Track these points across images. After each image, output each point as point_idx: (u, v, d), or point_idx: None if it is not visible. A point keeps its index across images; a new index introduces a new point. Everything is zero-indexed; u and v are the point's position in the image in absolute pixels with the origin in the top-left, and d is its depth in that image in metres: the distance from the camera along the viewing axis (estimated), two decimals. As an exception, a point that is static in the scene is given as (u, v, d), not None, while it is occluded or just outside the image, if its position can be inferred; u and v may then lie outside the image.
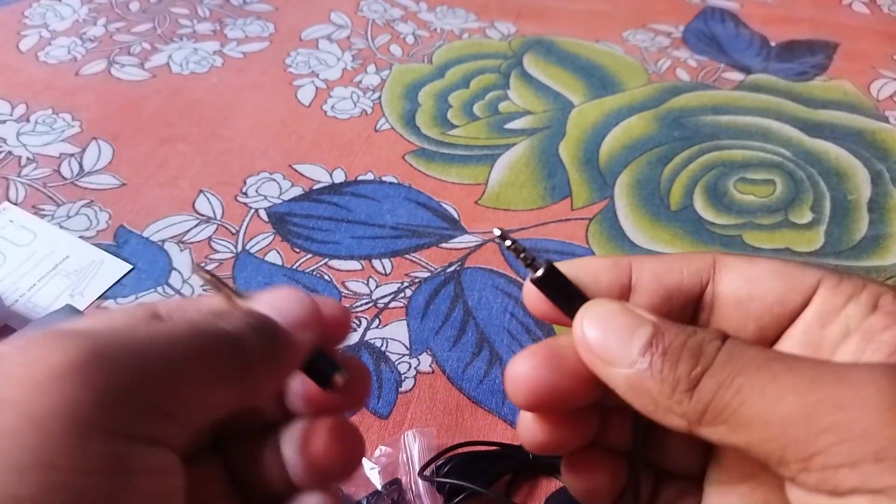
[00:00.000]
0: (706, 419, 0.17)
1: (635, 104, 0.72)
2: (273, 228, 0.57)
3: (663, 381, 0.18)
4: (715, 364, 0.18)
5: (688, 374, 0.18)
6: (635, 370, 0.18)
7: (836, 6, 0.90)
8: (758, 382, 0.17)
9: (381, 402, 0.46)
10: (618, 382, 0.19)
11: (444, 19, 0.85)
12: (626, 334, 0.19)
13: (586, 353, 0.20)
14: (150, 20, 0.82)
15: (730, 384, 0.17)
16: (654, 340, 0.18)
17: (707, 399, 0.17)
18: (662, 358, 0.18)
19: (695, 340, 0.18)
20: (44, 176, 0.62)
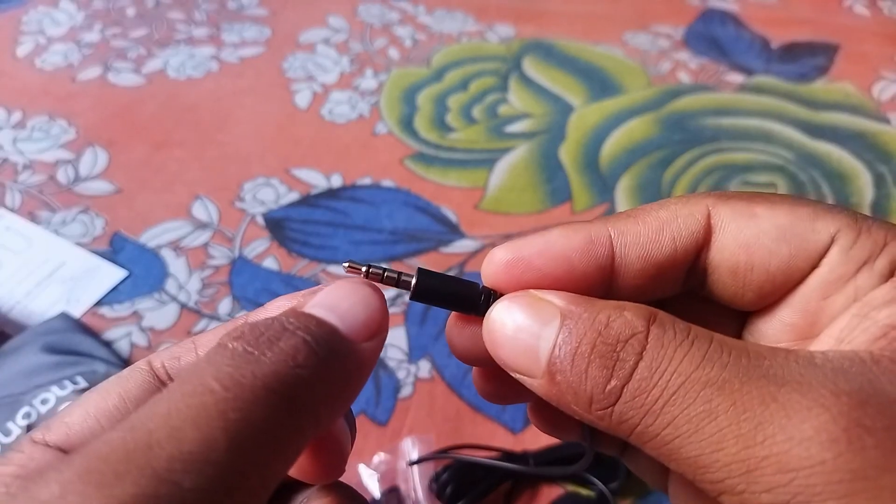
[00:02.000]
0: (633, 439, 0.16)
1: (636, 107, 0.72)
2: (270, 234, 0.57)
3: (575, 395, 0.16)
4: (634, 378, 0.15)
5: (601, 387, 0.16)
6: (545, 382, 0.16)
7: (837, 8, 0.90)
8: (692, 418, 0.15)
9: (380, 408, 0.46)
10: (538, 393, 0.17)
11: (442, 22, 0.84)
12: (531, 338, 0.17)
13: (501, 365, 0.18)
14: (146, 25, 0.82)
15: (657, 413, 0.15)
16: (560, 341, 0.16)
17: (632, 423, 0.15)
18: (571, 365, 0.16)
19: (606, 341, 0.16)
20: (40, 182, 0.61)
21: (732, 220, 0.18)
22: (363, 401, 0.46)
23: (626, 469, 0.41)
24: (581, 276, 0.18)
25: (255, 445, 0.13)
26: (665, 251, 0.18)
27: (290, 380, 0.14)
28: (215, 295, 0.52)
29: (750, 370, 0.15)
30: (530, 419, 0.22)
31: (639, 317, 0.16)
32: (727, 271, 0.18)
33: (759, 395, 0.14)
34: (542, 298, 0.17)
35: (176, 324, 0.50)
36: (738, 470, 0.14)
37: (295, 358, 0.15)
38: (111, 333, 0.49)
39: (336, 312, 0.17)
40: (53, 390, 0.42)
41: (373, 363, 0.17)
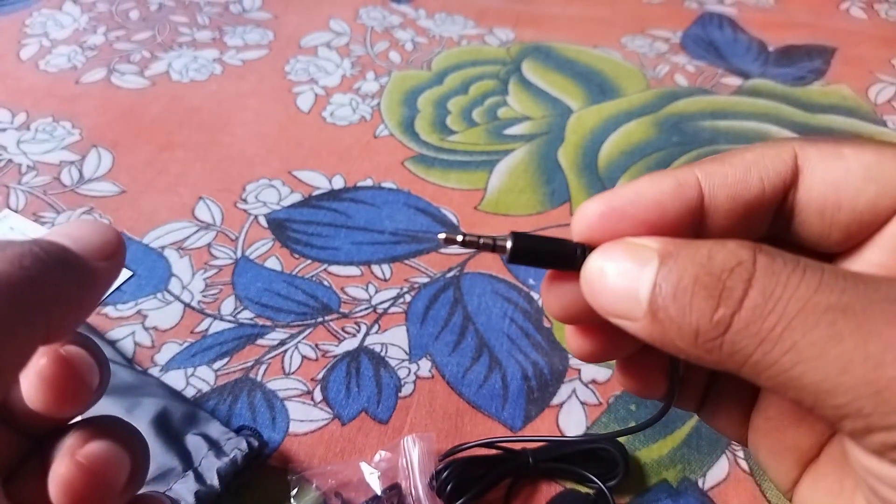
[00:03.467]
0: (746, 371, 0.15)
1: (634, 109, 0.73)
2: (272, 234, 0.57)
3: (680, 329, 0.16)
4: (746, 306, 0.15)
5: (708, 317, 0.15)
6: (648, 321, 0.16)
7: (834, 11, 0.91)
8: (816, 342, 0.14)
9: (381, 407, 0.46)
10: (640, 335, 0.17)
11: (442, 26, 0.85)
12: (630, 281, 0.16)
13: (602, 313, 0.18)
14: (149, 28, 0.82)
15: (776, 339, 0.14)
16: (659, 280, 0.16)
17: (746, 352, 0.15)
18: (673, 301, 0.16)
19: (710, 271, 0.15)
20: (44, 183, 0.62)
21: (820, 160, 0.18)
22: (364, 399, 0.46)
23: (625, 467, 0.41)
24: (673, 220, 0.18)
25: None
26: (753, 191, 0.18)
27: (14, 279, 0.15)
28: (218, 295, 0.53)
29: (870, 294, 0.14)
30: (618, 378, 0.22)
31: (743, 247, 0.16)
32: (814, 211, 0.18)
33: (885, 317, 0.14)
34: (638, 243, 0.17)
35: (179, 323, 0.51)
36: (865, 391, 0.14)
37: (21, 261, 0.16)
38: (115, 333, 0.50)
39: (69, 238, 0.18)
40: (59, 388, 0.43)
41: (107, 280, 0.18)
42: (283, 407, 0.46)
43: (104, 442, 0.19)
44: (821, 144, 0.18)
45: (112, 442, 0.19)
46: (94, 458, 0.18)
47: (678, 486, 0.43)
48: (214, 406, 0.46)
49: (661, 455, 0.44)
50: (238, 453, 0.40)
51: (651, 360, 0.21)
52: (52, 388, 0.18)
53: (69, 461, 0.18)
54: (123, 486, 0.19)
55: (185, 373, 0.48)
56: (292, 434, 0.45)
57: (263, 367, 0.48)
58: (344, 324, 0.51)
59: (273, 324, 0.51)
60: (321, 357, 0.49)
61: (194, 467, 0.39)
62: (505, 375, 0.48)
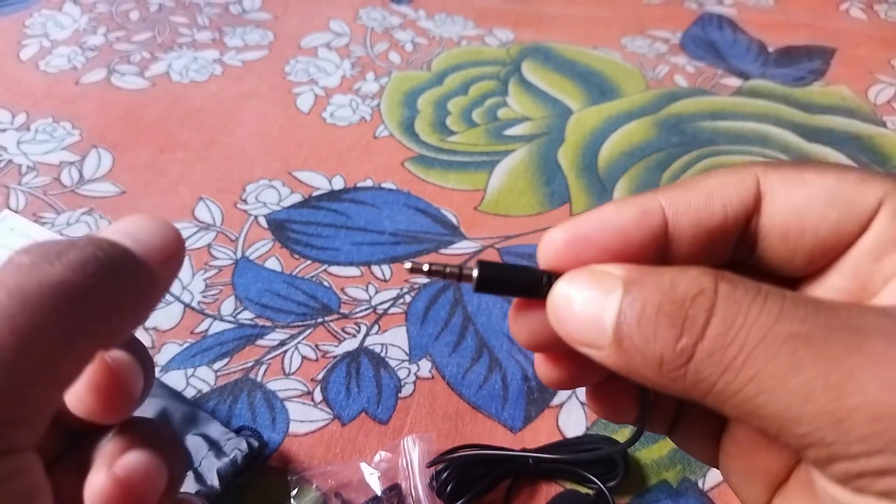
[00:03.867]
0: (711, 400, 0.15)
1: (634, 110, 0.73)
2: (272, 235, 0.57)
3: (644, 358, 0.16)
4: (708, 336, 0.15)
5: (671, 346, 0.15)
6: (613, 350, 0.16)
7: (834, 12, 0.91)
8: (777, 372, 0.14)
9: (381, 407, 0.46)
10: (606, 364, 0.17)
11: (442, 27, 0.85)
12: (596, 308, 0.16)
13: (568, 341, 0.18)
14: (149, 29, 0.83)
15: (738, 369, 0.15)
16: (624, 307, 0.16)
17: (709, 381, 0.15)
18: (637, 328, 0.16)
19: (673, 300, 0.15)
20: (44, 184, 0.62)
21: (782, 185, 0.18)
22: (365, 400, 0.46)
23: (624, 468, 0.41)
24: (638, 247, 0.18)
25: (43, 348, 0.14)
26: (716, 218, 0.18)
27: (78, 287, 0.15)
28: (218, 295, 0.53)
29: (830, 322, 0.14)
30: (588, 404, 0.22)
31: (704, 274, 0.16)
32: (778, 237, 0.18)
33: (845, 346, 0.14)
34: (602, 271, 0.17)
35: (179, 324, 0.51)
36: (827, 421, 0.14)
37: (84, 268, 0.15)
38: (115, 333, 0.50)
39: (130, 237, 0.17)
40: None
41: (166, 284, 0.18)
42: (283, 407, 0.46)
43: (143, 453, 0.18)
44: (783, 169, 0.18)
45: (151, 452, 0.19)
46: (131, 472, 0.18)
47: (678, 487, 0.43)
48: (214, 406, 0.46)
49: (660, 455, 0.44)
50: (238, 454, 0.40)
51: (620, 386, 0.21)
52: (96, 396, 0.18)
53: (106, 474, 0.18)
54: (160, 499, 0.19)
55: (185, 373, 0.48)
56: (292, 434, 0.45)
57: (263, 368, 0.48)
58: (344, 324, 0.51)
59: (273, 324, 0.51)
60: (321, 357, 0.49)
61: (194, 468, 0.39)
62: (505, 376, 0.48)
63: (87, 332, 0.15)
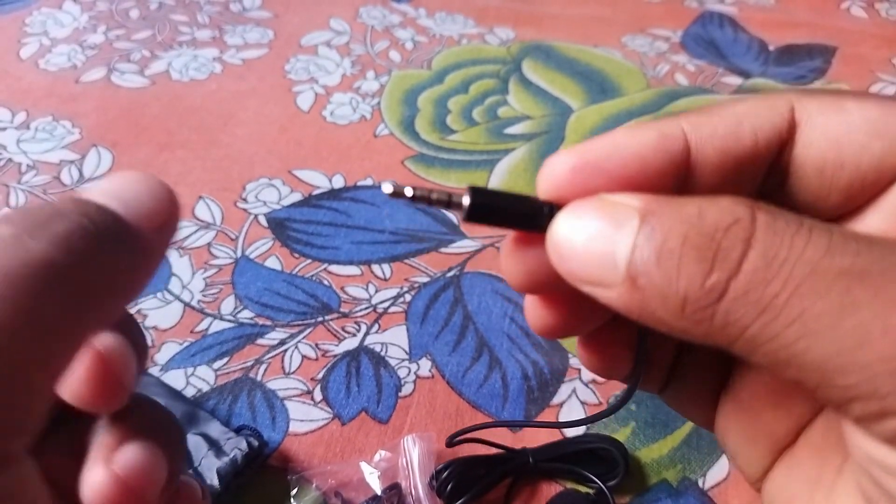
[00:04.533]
0: (740, 346, 0.13)
1: (634, 109, 0.73)
2: (272, 234, 0.57)
3: (664, 298, 0.14)
4: (744, 270, 0.13)
5: (699, 283, 0.13)
6: (626, 288, 0.14)
7: (835, 10, 0.90)
8: (827, 312, 0.12)
9: (381, 406, 0.46)
10: (613, 304, 0.15)
11: (442, 25, 0.85)
12: (606, 242, 0.14)
13: (566, 276, 0.15)
14: (149, 27, 0.82)
15: (780, 308, 0.13)
16: (641, 241, 0.14)
17: (742, 323, 0.13)
18: (657, 263, 0.13)
19: (701, 230, 0.13)
20: (44, 183, 0.62)
21: (820, 113, 0.16)
22: (365, 399, 0.46)
23: (625, 467, 0.41)
24: (656, 175, 0.16)
25: (31, 333, 0.13)
26: (745, 145, 0.16)
27: (63, 266, 0.13)
28: (218, 294, 0.53)
29: (886, 258, 0.13)
30: (579, 355, 0.20)
31: (739, 203, 0.14)
32: (813, 169, 0.16)
33: None
34: (614, 200, 0.15)
35: (179, 322, 0.51)
36: (883, 369, 0.12)
37: (69, 241, 0.13)
38: (115, 332, 0.50)
39: (120, 200, 0.15)
40: (59, 388, 0.42)
41: (160, 254, 0.16)
42: (283, 406, 0.46)
43: (142, 446, 0.17)
44: (821, 97, 0.16)
45: (151, 444, 0.17)
46: (130, 468, 0.17)
47: (678, 486, 0.43)
48: (214, 406, 0.46)
49: (661, 455, 0.44)
50: (238, 453, 0.40)
51: (617, 334, 0.19)
52: (87, 386, 0.16)
53: (105, 471, 0.16)
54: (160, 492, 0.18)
55: (185, 372, 0.48)
56: (292, 434, 0.45)
57: (263, 367, 0.48)
58: (344, 323, 0.51)
59: (273, 323, 0.51)
60: (321, 357, 0.49)
61: (194, 467, 0.39)
62: (505, 375, 0.48)
63: (78, 317, 0.14)
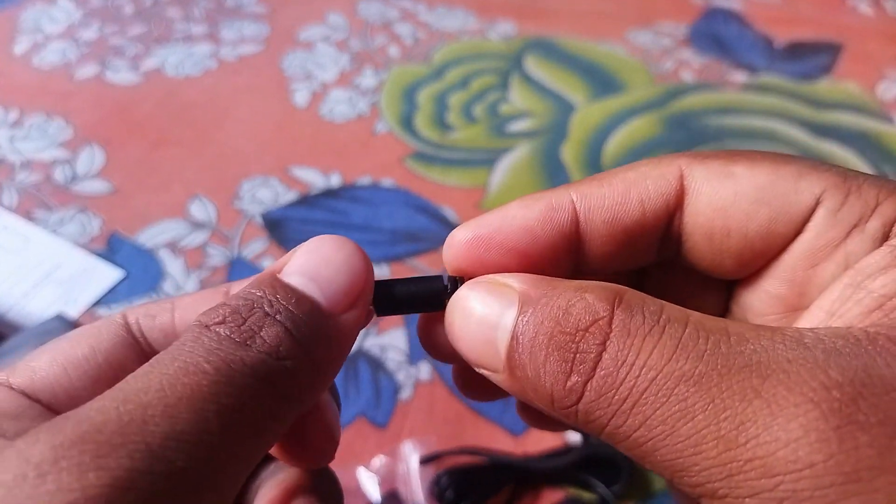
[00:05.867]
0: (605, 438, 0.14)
1: (639, 105, 0.71)
2: (268, 234, 0.56)
3: (536, 391, 0.15)
4: (598, 374, 0.14)
5: (561, 384, 0.14)
6: (506, 377, 0.15)
7: (841, 7, 0.89)
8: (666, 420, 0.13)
9: (379, 411, 0.45)
10: (503, 387, 0.16)
11: (442, 20, 0.84)
12: (490, 330, 0.15)
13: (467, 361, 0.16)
14: (144, 23, 0.81)
15: (627, 413, 0.14)
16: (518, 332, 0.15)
17: (600, 423, 0.14)
18: (529, 358, 0.15)
19: (565, 330, 0.14)
20: (37, 181, 0.61)
21: (707, 180, 0.16)
22: (363, 403, 0.45)
23: (628, 472, 0.40)
24: (545, 246, 0.17)
25: (242, 430, 0.14)
26: (633, 215, 0.17)
27: (274, 371, 0.14)
28: (213, 295, 0.51)
29: (730, 359, 0.13)
30: (518, 414, 0.21)
31: (601, 299, 0.14)
32: (702, 237, 0.17)
33: (741, 390, 0.13)
34: (501, 282, 0.16)
35: (173, 325, 0.50)
36: (719, 474, 0.13)
37: (278, 350, 0.15)
38: (108, 334, 0.49)
39: (316, 282, 0.16)
40: (49, 392, 0.41)
41: (356, 333, 0.16)
42: (278, 411, 0.45)
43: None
44: (710, 161, 0.16)
45: None
46: None
47: (684, 494, 0.42)
48: (208, 410, 0.45)
49: (666, 461, 0.43)
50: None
51: None
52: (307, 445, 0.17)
53: None
54: None
55: (179, 376, 0.46)
56: (288, 439, 0.44)
57: (259, 370, 0.47)
58: (341, 325, 0.50)
59: (269, 325, 0.50)
60: (318, 360, 0.48)
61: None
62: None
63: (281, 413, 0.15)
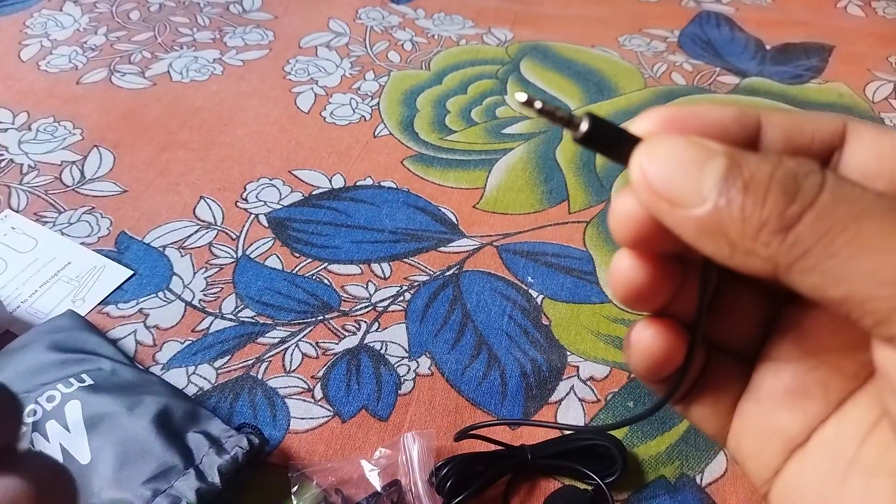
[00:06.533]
0: (801, 266, 0.15)
1: (632, 108, 0.73)
2: (273, 233, 0.58)
3: (745, 220, 0.15)
4: (819, 203, 0.15)
5: (781, 211, 0.15)
6: (709, 208, 0.16)
7: (831, 9, 0.91)
8: (879, 233, 0.15)
9: (381, 404, 0.46)
10: (687, 226, 0.16)
11: (441, 26, 0.85)
12: (696, 168, 0.16)
13: (647, 194, 0.17)
14: (150, 29, 0.83)
15: (842, 230, 0.15)
16: (729, 173, 0.16)
17: (809, 243, 0.15)
18: (744, 193, 0.16)
19: (786, 171, 0.16)
20: (45, 183, 0.62)
21: (867, 132, 0.18)
22: (365, 396, 0.47)
23: (623, 464, 0.42)
24: (732, 141, 0.18)
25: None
26: (805, 138, 0.18)
27: None
28: (219, 293, 0.53)
29: None
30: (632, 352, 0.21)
31: (810, 161, 0.16)
32: (857, 176, 0.18)
33: None
34: (703, 142, 0.17)
35: (180, 322, 0.51)
36: None
37: None
38: (117, 332, 0.50)
39: None
40: (59, 388, 0.43)
41: None
42: (283, 404, 0.46)
43: None
44: (868, 123, 0.19)
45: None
46: None
47: (676, 483, 0.43)
48: (216, 404, 0.46)
49: (659, 451, 0.44)
50: (239, 451, 0.40)
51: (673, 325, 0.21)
52: None
53: None
54: None
55: (187, 371, 0.48)
56: (293, 431, 0.45)
57: (264, 365, 0.48)
58: (344, 322, 0.51)
59: (274, 322, 0.51)
60: (321, 355, 0.49)
61: (196, 465, 0.40)
62: (504, 372, 0.48)
63: None
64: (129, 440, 0.40)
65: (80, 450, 0.40)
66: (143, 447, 0.40)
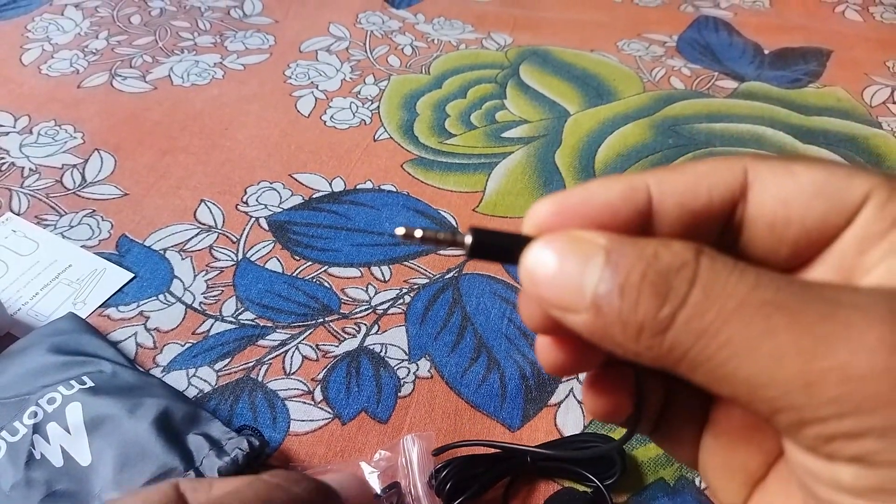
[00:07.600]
0: (684, 366, 0.16)
1: (630, 112, 0.73)
2: (273, 236, 0.58)
3: (625, 324, 0.16)
4: (689, 303, 0.15)
5: (653, 315, 0.15)
6: (592, 315, 0.16)
7: (829, 14, 0.91)
8: (751, 337, 0.15)
9: (381, 406, 0.47)
10: (579, 328, 0.17)
11: (441, 31, 0.86)
12: (577, 272, 0.16)
13: (538, 300, 0.17)
14: (151, 33, 0.83)
15: (714, 334, 0.15)
16: (605, 274, 0.16)
17: (684, 347, 0.15)
18: (620, 297, 0.16)
19: (657, 270, 0.16)
20: (46, 186, 0.62)
21: (770, 175, 0.18)
22: (364, 399, 0.47)
23: (622, 466, 0.42)
24: (623, 222, 0.18)
25: None
26: (701, 201, 0.18)
27: None
28: (220, 296, 0.53)
29: (805, 293, 0.15)
30: (585, 405, 0.22)
31: (687, 249, 0.16)
32: (764, 226, 0.18)
33: (818, 314, 0.14)
34: (583, 236, 0.17)
35: (181, 324, 0.51)
36: (797, 384, 0.14)
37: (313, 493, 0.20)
38: (117, 334, 0.51)
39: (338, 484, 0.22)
40: (60, 390, 0.43)
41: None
42: (283, 407, 0.46)
43: None
44: (772, 161, 0.18)
45: None
46: None
47: (675, 485, 0.43)
48: (216, 406, 0.46)
49: (658, 454, 0.45)
50: (239, 453, 0.41)
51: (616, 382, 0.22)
52: None
53: None
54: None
55: (187, 373, 0.48)
56: (293, 433, 0.45)
57: (264, 368, 0.49)
58: (344, 324, 0.51)
59: (274, 325, 0.51)
60: (321, 357, 0.49)
61: (195, 467, 0.40)
62: (503, 375, 0.49)
63: None
64: (129, 442, 0.40)
65: (81, 452, 0.40)
66: (143, 449, 0.40)
